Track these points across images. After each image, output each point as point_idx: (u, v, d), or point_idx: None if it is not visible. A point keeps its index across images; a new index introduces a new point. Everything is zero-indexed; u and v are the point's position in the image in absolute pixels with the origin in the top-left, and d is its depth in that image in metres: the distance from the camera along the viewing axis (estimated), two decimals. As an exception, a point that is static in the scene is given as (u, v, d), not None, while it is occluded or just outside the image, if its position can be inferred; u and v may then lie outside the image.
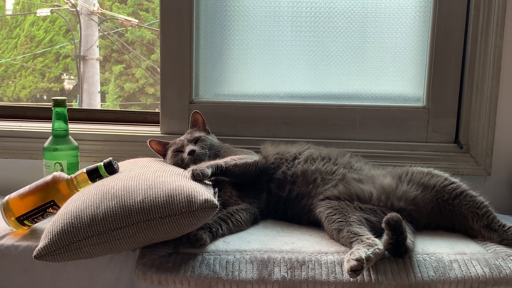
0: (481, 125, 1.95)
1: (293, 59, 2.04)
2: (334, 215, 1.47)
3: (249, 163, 1.62)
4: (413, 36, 1.99)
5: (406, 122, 1.99)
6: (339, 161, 1.66)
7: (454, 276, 1.30)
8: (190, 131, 1.80)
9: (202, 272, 1.30)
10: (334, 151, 1.72)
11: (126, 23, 6.57)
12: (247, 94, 2.05)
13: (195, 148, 1.66)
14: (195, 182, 1.42)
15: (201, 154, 1.66)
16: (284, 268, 1.31)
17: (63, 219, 1.29)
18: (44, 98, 7.53)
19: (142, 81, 7.29)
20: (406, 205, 1.51)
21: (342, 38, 2.01)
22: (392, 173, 1.59)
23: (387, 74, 2.02)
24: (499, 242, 1.44)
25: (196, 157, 1.64)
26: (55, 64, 7.54)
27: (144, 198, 1.30)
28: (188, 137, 1.74)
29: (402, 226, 1.31)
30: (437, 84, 1.96)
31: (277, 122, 2.00)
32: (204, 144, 1.70)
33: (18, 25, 7.70)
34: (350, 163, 1.66)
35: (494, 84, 1.92)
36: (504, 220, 1.49)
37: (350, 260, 1.24)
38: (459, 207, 1.51)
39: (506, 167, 1.99)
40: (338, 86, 2.04)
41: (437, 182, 1.53)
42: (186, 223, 1.29)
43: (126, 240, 1.28)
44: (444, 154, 1.97)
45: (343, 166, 1.64)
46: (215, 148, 1.72)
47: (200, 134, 1.76)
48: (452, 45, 1.94)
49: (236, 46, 2.03)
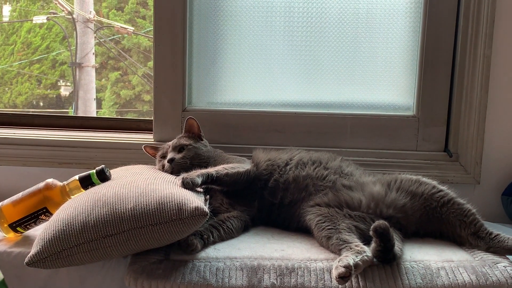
0: (470, 134, 1.97)
1: (285, 67, 2.06)
2: (323, 223, 1.48)
3: (240, 172, 1.62)
4: (404, 46, 2.01)
5: (396, 131, 2.01)
6: (330, 165, 1.67)
7: (441, 283, 1.31)
8: (179, 137, 1.80)
9: (193, 279, 1.31)
10: (324, 155, 1.73)
11: (122, 31, 6.58)
12: (239, 102, 2.07)
13: (175, 157, 1.67)
14: (186, 189, 1.44)
15: (180, 163, 1.66)
16: (273, 275, 1.32)
17: (55, 226, 1.30)
18: (41, 104, 7.52)
19: (138, 88, 7.28)
20: (395, 213, 1.52)
21: (334, 48, 2.03)
22: (382, 181, 1.60)
23: (378, 83, 2.04)
24: (486, 250, 1.46)
25: (174, 165, 1.65)
26: (51, 71, 7.54)
27: (135, 206, 1.31)
28: (174, 143, 1.75)
29: (390, 234, 1.33)
30: (427, 93, 1.98)
31: (269, 130, 2.02)
32: (188, 154, 1.70)
33: (15, 32, 7.70)
34: (341, 167, 1.68)
35: (483, 93, 1.95)
36: (492, 228, 1.50)
37: (338, 267, 1.25)
38: (446, 215, 1.52)
39: (495, 176, 2.00)
40: (329, 95, 2.06)
41: (425, 190, 1.55)
42: (176, 230, 1.30)
43: (117, 247, 1.29)
44: (434, 162, 1.99)
45: (334, 171, 1.65)
46: (201, 158, 1.72)
47: (187, 142, 1.75)
48: (442, 54, 1.96)
49: (229, 54, 2.05)
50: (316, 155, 1.72)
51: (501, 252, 1.44)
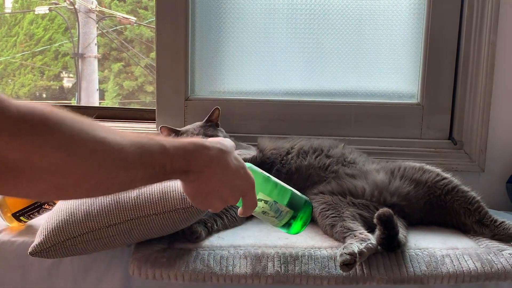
0: (475, 122, 1.96)
1: (289, 56, 2.04)
2: (327, 211, 1.47)
3: (247, 158, 1.62)
4: (408, 33, 2.00)
5: (400, 119, 2.00)
6: (332, 153, 1.66)
7: (446, 271, 1.31)
8: (203, 125, 1.81)
9: (197, 267, 1.30)
10: (326, 142, 1.72)
11: (124, 21, 6.56)
12: (242, 91, 2.06)
13: None
14: None
15: None
16: (277, 263, 1.32)
17: (58, 216, 1.30)
18: (44, 96, 7.53)
19: (141, 79, 7.28)
20: (399, 201, 1.52)
21: (338, 35, 2.02)
22: (385, 168, 1.60)
23: (382, 71, 2.03)
24: (491, 237, 1.45)
25: None
26: (54, 62, 7.54)
27: (139, 194, 1.31)
28: (201, 132, 1.75)
29: (394, 221, 1.32)
30: (432, 81, 1.97)
31: (272, 119, 2.01)
32: None
33: (17, 23, 7.70)
34: (343, 155, 1.67)
35: (488, 81, 1.93)
36: (497, 216, 1.50)
37: (343, 254, 1.25)
38: (451, 203, 1.51)
39: (500, 163, 1.99)
40: (333, 83, 2.05)
41: (429, 178, 1.54)
42: (180, 219, 1.30)
43: (120, 236, 1.29)
44: (438, 150, 1.98)
45: (336, 160, 1.64)
46: None
47: (212, 133, 1.76)
48: (446, 41, 1.95)
49: (232, 43, 2.04)
50: (317, 143, 1.71)
51: (506, 239, 1.43)
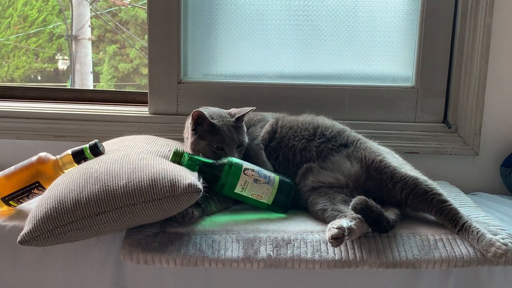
0: (470, 105, 1.95)
1: (282, 38, 2.03)
2: (318, 198, 1.49)
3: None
4: (403, 16, 1.98)
5: (395, 102, 1.99)
6: (305, 133, 1.64)
7: (438, 256, 1.31)
8: (240, 125, 1.61)
9: (189, 251, 1.30)
10: (300, 119, 1.69)
11: (118, 3, 6.49)
12: (236, 74, 2.04)
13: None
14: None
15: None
16: (270, 247, 1.32)
17: (47, 204, 1.29)
18: (38, 78, 7.48)
19: (136, 61, 7.23)
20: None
21: (333, 18, 2.00)
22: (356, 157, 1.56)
23: (377, 54, 2.02)
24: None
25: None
26: (48, 44, 7.47)
27: (128, 182, 1.29)
28: (236, 139, 1.58)
29: (369, 206, 1.32)
30: (426, 64, 1.95)
31: (266, 102, 1.99)
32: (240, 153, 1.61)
33: (11, 4, 7.61)
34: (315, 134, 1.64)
35: (483, 64, 1.92)
36: (491, 200, 1.48)
37: (331, 228, 1.27)
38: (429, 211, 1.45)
39: (494, 147, 2.00)
40: (327, 66, 2.03)
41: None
42: (170, 207, 1.29)
43: (110, 224, 1.28)
44: (433, 134, 1.97)
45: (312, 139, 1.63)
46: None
47: (245, 138, 1.62)
48: (441, 24, 1.93)
49: (225, 25, 2.02)
50: (292, 120, 1.69)
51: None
